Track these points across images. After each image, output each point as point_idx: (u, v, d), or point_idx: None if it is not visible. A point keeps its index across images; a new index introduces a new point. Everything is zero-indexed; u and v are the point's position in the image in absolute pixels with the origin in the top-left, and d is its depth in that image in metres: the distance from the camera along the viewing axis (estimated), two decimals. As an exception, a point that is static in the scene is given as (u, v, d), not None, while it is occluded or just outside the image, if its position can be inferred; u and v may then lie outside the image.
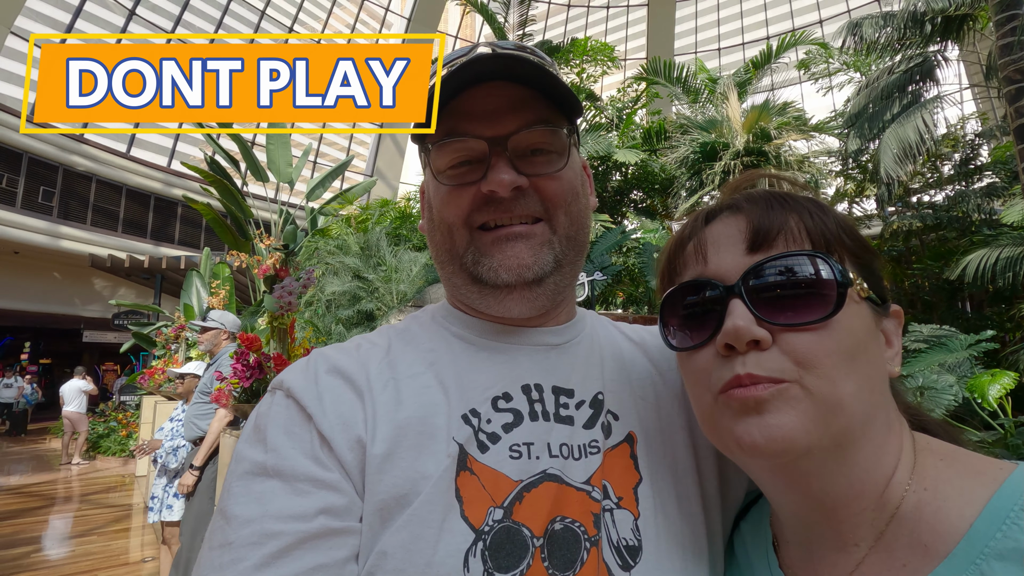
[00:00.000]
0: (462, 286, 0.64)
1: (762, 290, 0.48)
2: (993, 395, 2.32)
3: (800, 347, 0.47)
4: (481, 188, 0.60)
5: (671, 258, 0.58)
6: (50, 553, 5.49)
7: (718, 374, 0.50)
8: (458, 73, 0.59)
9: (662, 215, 12.19)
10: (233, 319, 4.00)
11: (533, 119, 0.60)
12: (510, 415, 0.59)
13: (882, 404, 0.50)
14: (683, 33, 26.11)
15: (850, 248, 0.52)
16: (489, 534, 0.52)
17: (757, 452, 0.47)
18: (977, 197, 9.99)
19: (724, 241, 0.53)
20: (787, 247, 0.50)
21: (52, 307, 15.82)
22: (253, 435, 0.56)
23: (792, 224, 0.51)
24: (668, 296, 0.56)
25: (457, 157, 0.62)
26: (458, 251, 0.63)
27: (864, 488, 0.49)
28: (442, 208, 0.63)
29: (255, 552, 0.47)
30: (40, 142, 14.22)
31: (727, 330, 0.48)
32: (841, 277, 0.48)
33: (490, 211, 0.61)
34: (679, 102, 12.88)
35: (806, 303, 0.47)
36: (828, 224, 0.52)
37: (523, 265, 0.60)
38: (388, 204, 11.71)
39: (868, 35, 9.76)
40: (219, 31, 19.24)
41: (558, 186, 0.62)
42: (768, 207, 0.52)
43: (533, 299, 0.61)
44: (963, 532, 0.43)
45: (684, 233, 0.58)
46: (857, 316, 0.49)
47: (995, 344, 4.22)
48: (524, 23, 13.60)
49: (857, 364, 0.48)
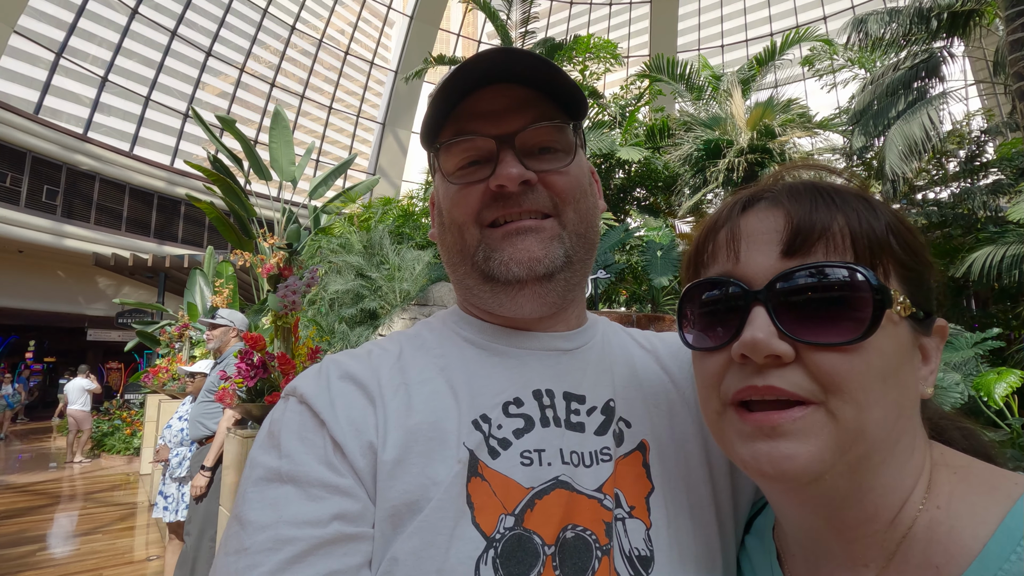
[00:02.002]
0: (474, 287, 0.64)
1: (789, 300, 0.44)
2: (999, 393, 2.30)
3: (826, 367, 0.43)
4: (490, 184, 0.60)
5: (700, 245, 0.53)
6: (55, 551, 5.51)
7: (730, 382, 0.47)
8: (463, 74, 0.59)
9: (665, 213, 12.16)
10: (242, 318, 4.01)
11: (539, 117, 0.61)
12: (521, 421, 0.58)
13: (908, 428, 0.46)
14: (686, 30, 26.03)
15: (899, 257, 0.46)
16: (500, 541, 0.51)
17: (764, 477, 0.45)
18: (983, 194, 9.93)
19: (758, 238, 0.48)
20: (826, 254, 0.45)
21: (56, 306, 15.89)
22: (267, 441, 0.56)
23: (836, 228, 0.45)
24: (690, 288, 0.52)
25: (466, 157, 0.62)
26: (469, 250, 0.63)
27: (879, 511, 0.46)
28: (452, 208, 0.63)
29: (270, 558, 0.47)
30: (44, 141, 14.28)
31: (744, 340, 0.45)
32: (879, 296, 0.43)
33: (499, 207, 0.61)
34: (682, 99, 12.84)
35: (836, 320, 0.43)
36: (877, 228, 0.46)
37: (534, 258, 0.60)
38: (391, 202, 11.69)
39: (873, 31, 9.70)
40: (221, 30, 19.25)
41: (567, 181, 0.62)
42: (812, 205, 0.47)
43: (544, 295, 0.61)
44: (976, 553, 0.41)
45: (718, 219, 0.53)
46: (893, 336, 0.45)
47: (1001, 342, 4.20)
48: (527, 20, 13.56)
49: (887, 388, 0.44)
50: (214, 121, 13.27)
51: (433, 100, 0.62)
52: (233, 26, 19.74)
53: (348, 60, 23.12)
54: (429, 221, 0.74)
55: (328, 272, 7.35)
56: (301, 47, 22.01)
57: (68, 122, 15.42)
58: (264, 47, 20.90)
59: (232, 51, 19.78)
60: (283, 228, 3.96)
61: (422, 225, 9.71)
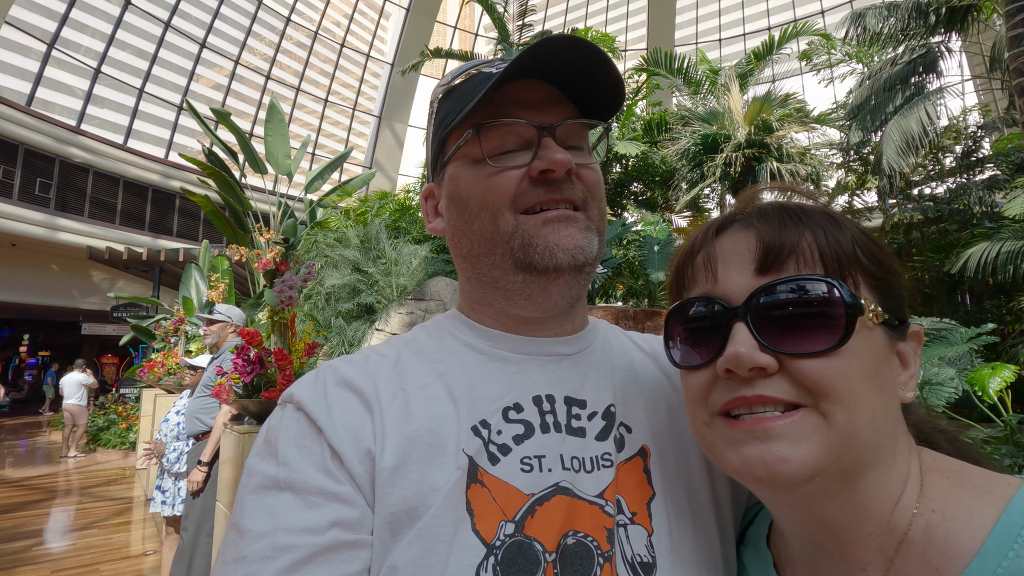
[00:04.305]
0: (501, 278, 0.62)
1: (767, 315, 0.47)
2: (994, 388, 2.31)
3: (809, 373, 0.45)
4: (534, 167, 0.59)
5: (679, 270, 0.57)
6: (51, 546, 5.50)
7: (717, 396, 0.49)
8: (523, 62, 0.57)
9: (663, 207, 12.17)
10: (239, 313, 4.00)
11: (572, 114, 0.62)
12: (521, 426, 0.58)
13: (892, 432, 0.49)
14: (684, 23, 25.94)
15: (867, 268, 0.50)
16: (501, 548, 0.51)
17: (757, 481, 0.46)
18: (979, 190, 9.97)
19: (733, 259, 0.51)
20: (798, 269, 0.48)
21: (51, 300, 15.81)
22: (264, 448, 0.55)
23: (804, 244, 0.48)
24: (674, 310, 0.55)
25: (504, 143, 0.61)
26: (503, 237, 0.60)
27: (868, 513, 0.48)
28: (486, 193, 0.61)
29: (268, 566, 0.47)
30: (36, 133, 14.16)
31: (728, 356, 0.47)
32: (851, 304, 0.45)
33: (539, 193, 0.60)
34: (680, 93, 12.81)
35: (813, 330, 0.46)
36: (843, 243, 0.49)
37: (577, 246, 0.59)
38: (387, 196, 11.65)
39: (871, 26, 9.69)
40: (216, 21, 19.07)
41: (596, 178, 0.64)
42: (781, 224, 0.50)
43: (572, 285, 0.61)
44: (974, 553, 0.43)
45: (694, 244, 0.56)
46: (868, 342, 0.47)
47: (995, 337, 4.22)
48: (524, 13, 13.48)
49: (871, 390, 0.46)
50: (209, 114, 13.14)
51: (467, 83, 0.62)
52: (228, 17, 19.57)
53: (344, 53, 22.97)
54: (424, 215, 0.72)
55: (324, 266, 7.33)
56: (296, 39, 21.84)
57: (61, 114, 15.29)
58: (259, 39, 20.73)
59: (227, 43, 19.62)
60: (278, 222, 3.93)
61: (419, 219, 9.67)
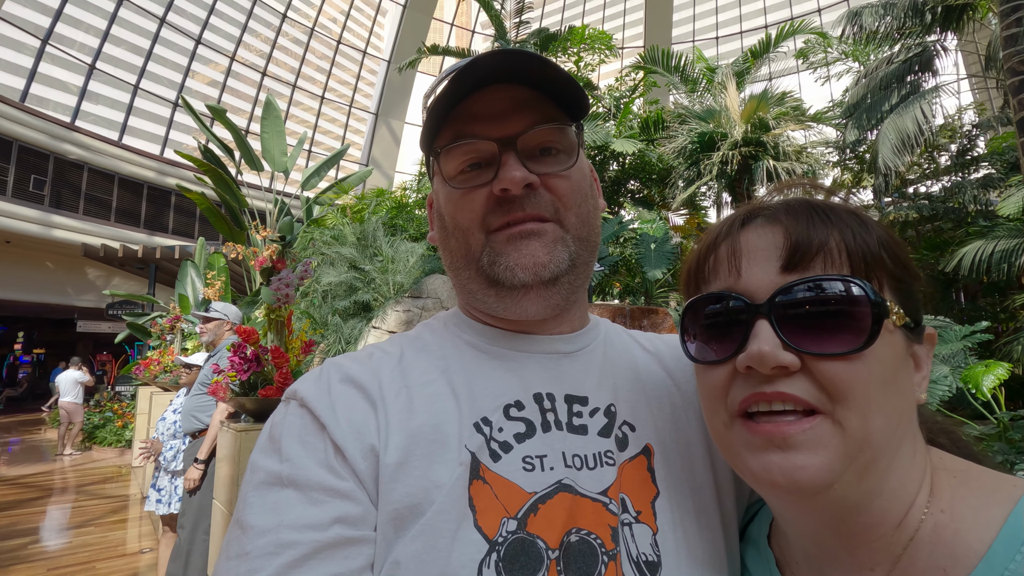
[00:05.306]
0: (478, 291, 0.63)
1: (791, 313, 0.46)
2: (987, 386, 2.33)
3: (830, 375, 0.44)
4: (493, 188, 0.59)
5: (700, 261, 0.55)
6: (47, 544, 5.48)
7: (737, 392, 0.48)
8: (461, 77, 0.57)
9: (659, 205, 12.17)
10: (236, 310, 3.98)
11: (540, 118, 0.60)
12: (522, 425, 0.58)
13: (909, 433, 0.48)
14: (681, 21, 25.93)
15: (891, 270, 0.49)
16: (503, 545, 0.51)
17: (775, 488, 0.46)
18: (973, 188, 10.01)
19: (758, 254, 0.50)
20: (824, 268, 0.47)
21: (45, 297, 15.72)
22: (268, 445, 0.56)
23: (832, 243, 0.47)
24: (693, 303, 0.53)
25: (466, 160, 0.61)
26: (474, 254, 0.62)
27: (886, 516, 0.47)
28: (455, 213, 0.63)
29: (271, 562, 0.47)
30: (30, 130, 14.06)
31: (751, 353, 0.46)
32: (877, 307, 0.45)
33: (503, 212, 0.60)
34: (677, 91, 12.81)
35: (837, 331, 0.45)
36: (870, 244, 0.48)
37: (539, 264, 0.59)
38: (384, 193, 11.59)
39: (868, 24, 9.71)
40: (212, 16, 18.95)
41: (568, 185, 0.62)
42: (809, 222, 0.49)
43: (548, 298, 0.61)
44: (981, 555, 0.43)
45: (717, 235, 0.54)
46: (890, 345, 0.46)
47: (989, 335, 4.25)
48: (521, 10, 13.46)
49: (888, 395, 0.46)
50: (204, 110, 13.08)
51: (430, 103, 0.61)
52: (223, 13, 19.45)
53: (340, 49, 22.87)
54: (425, 213, 0.73)
55: (321, 264, 7.31)
56: (293, 36, 21.73)
57: (55, 110, 15.18)
58: (255, 35, 20.62)
59: (222, 39, 19.50)
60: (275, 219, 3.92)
61: (416, 217, 9.65)
